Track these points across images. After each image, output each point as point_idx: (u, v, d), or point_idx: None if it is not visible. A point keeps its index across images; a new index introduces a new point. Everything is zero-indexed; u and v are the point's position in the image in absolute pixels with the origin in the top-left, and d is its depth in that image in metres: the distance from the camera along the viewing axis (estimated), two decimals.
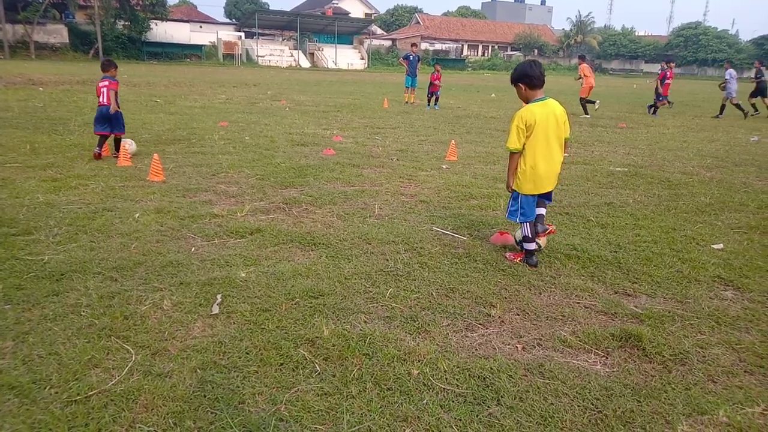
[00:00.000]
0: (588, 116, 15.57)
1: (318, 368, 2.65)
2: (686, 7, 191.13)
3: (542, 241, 4.32)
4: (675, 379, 2.69)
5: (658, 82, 17.17)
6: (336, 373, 2.62)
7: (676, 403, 2.49)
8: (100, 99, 7.36)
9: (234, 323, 3.06)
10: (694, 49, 67.55)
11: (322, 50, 56.06)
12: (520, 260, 4.18)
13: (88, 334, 2.89)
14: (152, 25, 47.36)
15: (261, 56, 51.53)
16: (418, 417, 2.33)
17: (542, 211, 4.30)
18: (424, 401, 2.43)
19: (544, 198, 4.26)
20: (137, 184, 6.11)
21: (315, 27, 58.18)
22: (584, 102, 15.90)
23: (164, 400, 2.37)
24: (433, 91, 16.53)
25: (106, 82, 7.35)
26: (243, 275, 3.69)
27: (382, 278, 3.78)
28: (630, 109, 19.13)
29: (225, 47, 51.13)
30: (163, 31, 49.45)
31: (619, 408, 2.43)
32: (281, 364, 2.67)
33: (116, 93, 7.38)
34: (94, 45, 42.55)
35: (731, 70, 17.04)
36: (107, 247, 4.16)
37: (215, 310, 3.20)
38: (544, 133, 3.96)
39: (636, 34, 77.07)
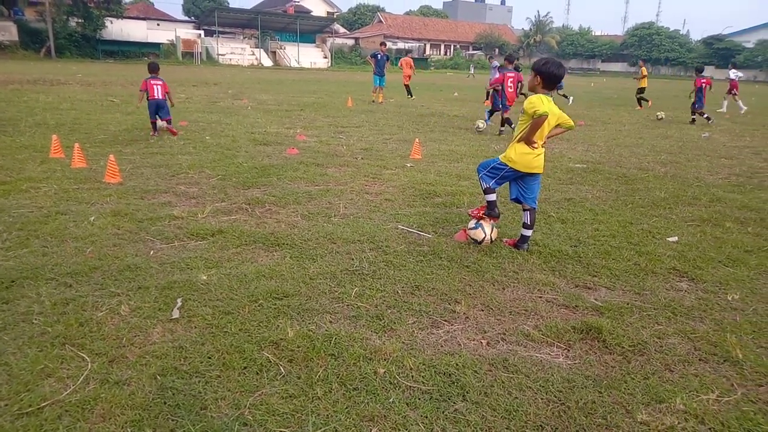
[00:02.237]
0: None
1: (282, 370, 2.61)
2: (640, 7, 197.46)
3: (494, 233, 4.46)
4: (634, 369, 2.76)
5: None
6: (301, 374, 2.59)
7: (636, 392, 2.55)
8: (153, 94, 9.39)
9: (195, 327, 2.99)
10: (648, 48, 69.76)
11: (285, 49, 55.49)
12: (482, 213, 4.39)
13: (41, 343, 2.77)
14: (107, 23, 45.90)
15: (221, 55, 50.64)
16: (385, 416, 2.32)
17: (528, 233, 4.42)
18: (391, 400, 2.43)
19: (530, 206, 4.36)
20: (93, 187, 5.91)
21: (277, 25, 57.53)
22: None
23: (122, 408, 2.30)
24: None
25: (159, 82, 9.49)
26: (204, 278, 3.60)
27: (348, 278, 3.75)
28: (588, 106, 19.61)
29: (184, 45, 50.00)
30: (119, 29, 48.00)
31: (581, 399, 2.48)
32: (244, 368, 2.62)
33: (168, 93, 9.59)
34: (46, 43, 40.97)
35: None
36: (61, 252, 4.00)
37: (175, 314, 3.12)
38: (547, 123, 4.14)
39: (593, 33, 79.13)
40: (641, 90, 19.21)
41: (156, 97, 9.39)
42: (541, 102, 4.00)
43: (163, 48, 49.10)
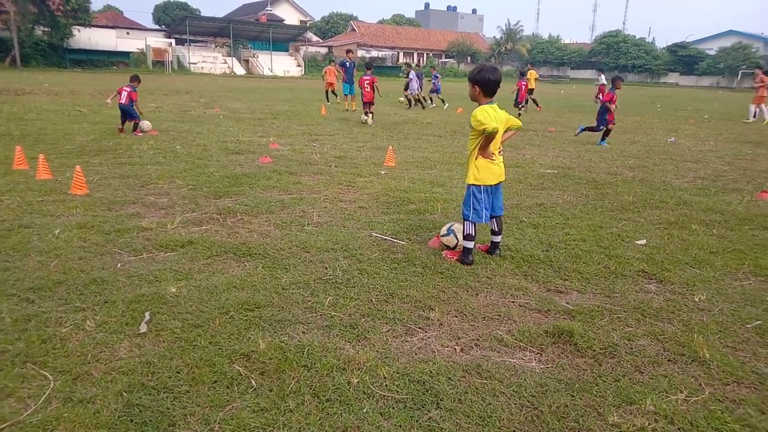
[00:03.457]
0: None
1: (254, 383, 2.57)
2: (607, 15, 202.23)
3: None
4: (605, 371, 2.79)
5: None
6: (273, 387, 2.54)
7: (607, 395, 2.58)
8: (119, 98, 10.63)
9: (163, 341, 2.92)
10: (615, 55, 71.46)
11: (257, 57, 55.18)
12: (456, 259, 4.26)
13: (0, 362, 2.67)
14: (75, 32, 44.99)
15: (193, 63, 50.08)
16: (358, 426, 2.30)
17: (497, 239, 4.44)
18: (364, 410, 2.40)
19: (497, 214, 4.36)
20: (58, 199, 5.75)
21: (249, 34, 57.20)
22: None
23: (86, 428, 2.22)
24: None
25: (128, 88, 10.66)
26: (173, 290, 3.53)
27: (321, 287, 3.72)
28: (559, 113, 19.95)
29: (154, 54, 49.31)
30: (87, 37, 47.08)
31: (554, 403, 2.49)
32: (215, 382, 2.57)
33: (134, 100, 10.74)
34: (11, 52, 39.93)
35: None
36: (23, 266, 3.87)
37: (143, 328, 3.04)
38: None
39: (562, 41, 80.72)
40: (531, 91, 19.89)
41: (120, 102, 10.66)
42: (486, 116, 3.96)
43: (133, 57, 48.35)
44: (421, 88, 20.48)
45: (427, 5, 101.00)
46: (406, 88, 20.30)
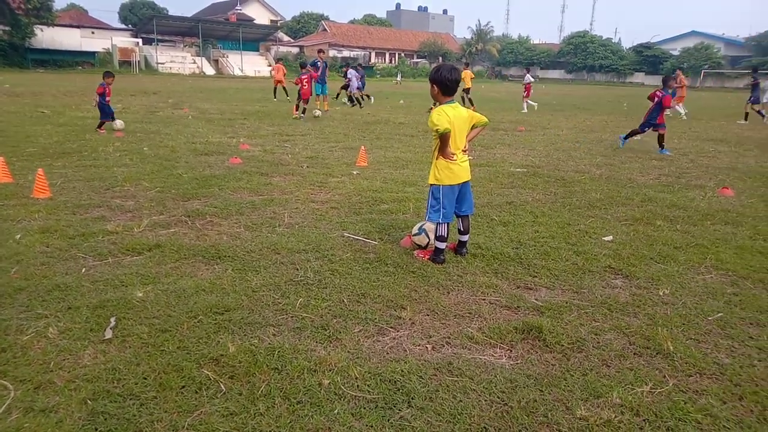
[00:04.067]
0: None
1: (223, 387, 2.53)
2: (575, 16, 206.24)
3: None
4: (573, 366, 2.84)
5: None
6: (243, 390, 2.51)
7: (575, 389, 2.62)
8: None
9: (130, 347, 2.85)
10: (583, 56, 72.83)
11: (227, 57, 54.53)
12: (427, 258, 4.28)
13: None
14: (37, 31, 43.72)
15: (161, 63, 49.20)
16: (329, 428, 2.29)
17: (465, 238, 4.46)
18: (335, 411, 2.39)
19: (465, 214, 4.39)
20: (19, 203, 5.58)
21: (219, 33, 56.47)
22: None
23: None
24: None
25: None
26: (140, 295, 3.45)
27: (292, 288, 3.69)
28: (529, 113, 20.22)
29: (121, 54, 48.26)
30: (51, 37, 45.80)
31: (523, 399, 2.52)
32: (183, 387, 2.52)
33: (99, 94, 10.76)
34: None
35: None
36: None
37: (108, 334, 2.97)
38: (454, 131, 4.12)
39: (531, 42, 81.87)
40: (467, 91, 20.54)
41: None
42: (440, 117, 4.00)
43: (99, 57, 47.26)
44: (363, 86, 21.37)
45: (398, 5, 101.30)
46: (345, 87, 21.28)
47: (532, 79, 21.83)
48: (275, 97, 21.87)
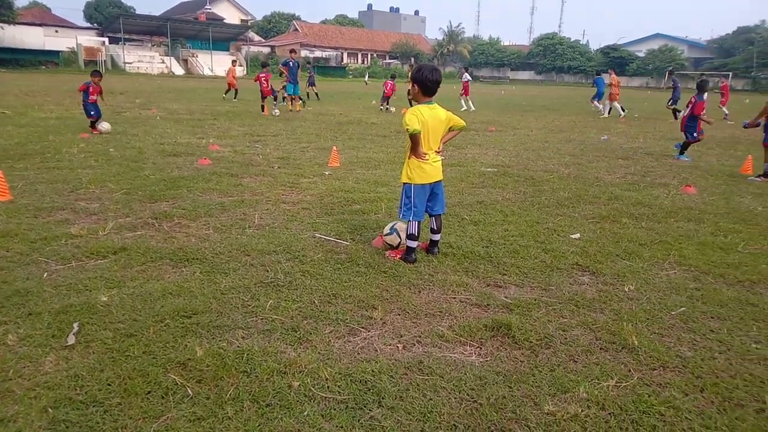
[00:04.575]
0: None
1: (190, 392, 2.49)
2: (544, 18, 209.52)
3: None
4: (541, 362, 2.88)
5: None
6: (210, 395, 2.47)
7: (543, 384, 2.66)
8: None
9: (93, 353, 2.78)
10: (552, 57, 74.00)
11: (197, 57, 53.71)
12: (399, 258, 4.28)
13: None
14: None
15: (128, 63, 48.16)
16: (299, 430, 2.27)
17: (436, 237, 4.48)
18: (305, 413, 2.37)
19: (437, 213, 4.41)
20: None
21: (188, 33, 55.57)
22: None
23: None
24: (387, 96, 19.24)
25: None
26: (104, 299, 3.37)
27: (262, 290, 3.65)
28: (499, 113, 20.47)
29: (86, 53, 47.08)
30: (12, 35, 44.42)
31: (493, 395, 2.55)
32: (148, 393, 2.47)
33: (81, 91, 10.79)
34: None
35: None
36: None
37: (71, 340, 2.89)
38: (428, 132, 4.14)
39: (502, 43, 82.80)
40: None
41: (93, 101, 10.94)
42: (413, 118, 4.02)
43: (63, 56, 46.03)
44: (314, 84, 22.50)
45: (370, 6, 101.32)
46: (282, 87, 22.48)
47: (470, 78, 22.41)
48: (225, 96, 22.07)
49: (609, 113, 20.06)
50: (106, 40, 50.51)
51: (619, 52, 71.39)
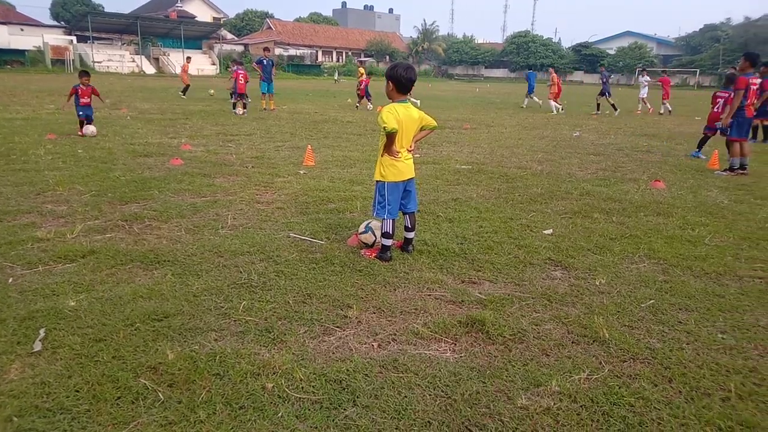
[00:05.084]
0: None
1: (161, 396, 2.45)
2: (517, 15, 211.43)
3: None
4: (515, 356, 2.91)
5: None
6: (182, 399, 2.44)
7: (516, 379, 2.69)
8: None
9: (61, 359, 2.72)
10: (525, 55, 74.71)
11: (169, 55, 52.77)
12: (374, 256, 4.28)
13: None
14: None
15: (98, 62, 47.06)
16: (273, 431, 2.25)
17: (411, 235, 4.48)
18: (279, 414, 2.36)
19: (410, 211, 4.41)
20: None
21: (159, 31, 54.57)
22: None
23: None
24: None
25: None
26: (72, 304, 3.29)
27: (236, 291, 3.61)
28: (473, 111, 20.62)
29: (53, 52, 45.81)
30: None
31: (467, 391, 2.56)
32: (118, 398, 2.42)
33: (71, 95, 10.59)
34: None
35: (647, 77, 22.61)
36: None
37: (37, 346, 2.82)
38: (402, 129, 4.14)
39: (476, 41, 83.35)
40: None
41: (85, 103, 10.62)
42: (389, 116, 4.01)
43: (29, 55, 44.72)
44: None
45: (344, 4, 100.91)
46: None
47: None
48: (183, 94, 21.51)
49: (556, 111, 20.25)
50: (74, 38, 49.24)
51: (590, 49, 72.50)
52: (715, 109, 9.64)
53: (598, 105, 20.86)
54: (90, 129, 10.53)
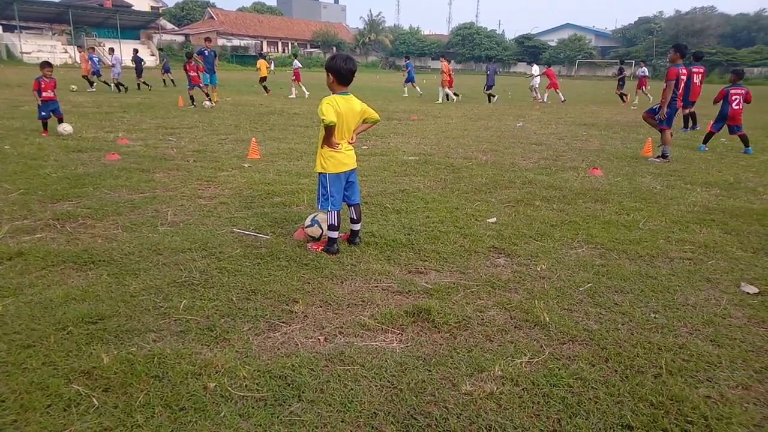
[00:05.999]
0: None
1: (96, 402, 2.34)
2: (461, 6, 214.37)
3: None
4: (459, 344, 2.95)
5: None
6: (118, 403, 2.34)
7: (461, 365, 2.73)
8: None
9: None
10: (470, 47, 75.89)
11: (104, 46, 50.40)
12: (321, 249, 4.24)
13: None
14: None
15: (26, 53, 44.49)
16: None
17: (357, 227, 4.46)
18: (222, 414, 2.30)
19: (354, 203, 4.39)
20: None
21: (93, 20, 52.04)
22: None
23: None
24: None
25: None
26: None
27: (176, 290, 3.50)
28: (421, 102, 20.76)
29: None
30: None
31: (412, 380, 2.58)
32: (48, 406, 2.30)
33: (36, 91, 9.63)
34: None
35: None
36: None
37: None
38: (342, 122, 4.09)
39: (422, 33, 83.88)
40: (263, 78, 22.50)
41: (49, 97, 9.79)
42: (329, 108, 3.96)
43: None
44: (169, 70, 24.59)
45: None
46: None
47: (300, 65, 23.66)
48: (88, 88, 21.30)
49: (448, 99, 21.14)
50: (0, 27, 46.30)
51: (532, 41, 74.35)
52: (734, 106, 10.09)
53: (489, 97, 21.49)
54: (65, 128, 9.60)
